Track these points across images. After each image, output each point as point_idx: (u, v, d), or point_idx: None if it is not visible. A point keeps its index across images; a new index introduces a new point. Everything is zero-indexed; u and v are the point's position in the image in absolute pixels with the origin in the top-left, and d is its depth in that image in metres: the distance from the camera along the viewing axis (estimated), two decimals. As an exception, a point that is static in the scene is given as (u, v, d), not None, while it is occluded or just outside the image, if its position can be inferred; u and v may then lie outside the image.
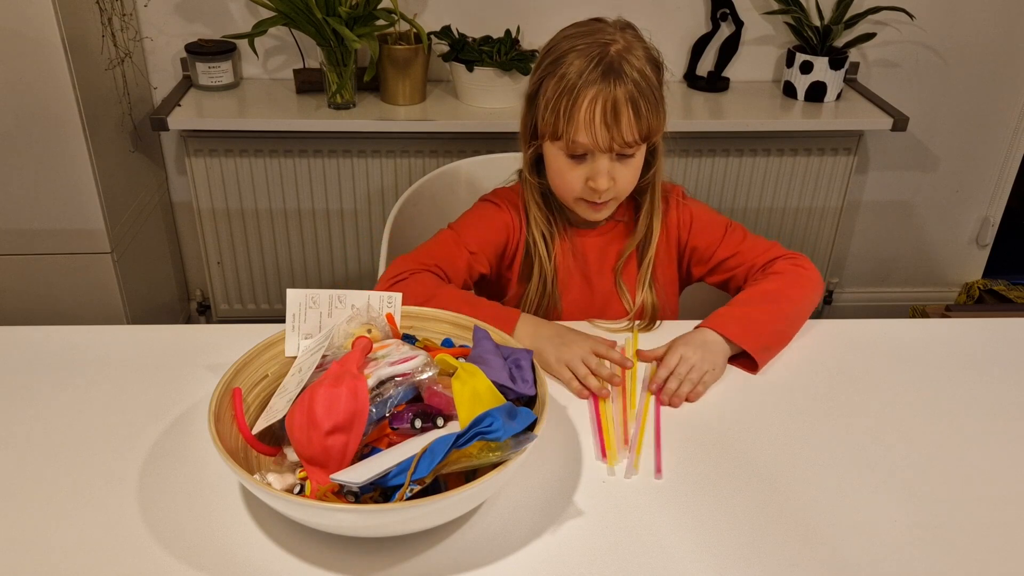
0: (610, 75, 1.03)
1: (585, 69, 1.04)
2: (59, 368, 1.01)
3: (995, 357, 1.10)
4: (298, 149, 1.99)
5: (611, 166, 1.08)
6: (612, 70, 1.04)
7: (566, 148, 1.07)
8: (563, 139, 1.07)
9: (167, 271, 2.21)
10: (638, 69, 1.05)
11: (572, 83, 1.04)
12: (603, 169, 1.07)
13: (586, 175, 1.08)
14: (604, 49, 1.05)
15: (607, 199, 1.11)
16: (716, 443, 0.92)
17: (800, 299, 1.11)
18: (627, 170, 1.10)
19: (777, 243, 1.19)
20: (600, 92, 1.03)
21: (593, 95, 1.03)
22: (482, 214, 1.20)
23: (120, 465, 0.86)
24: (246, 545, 0.77)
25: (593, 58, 1.04)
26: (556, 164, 1.11)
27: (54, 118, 1.65)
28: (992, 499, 0.86)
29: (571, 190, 1.11)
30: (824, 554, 0.78)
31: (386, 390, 0.81)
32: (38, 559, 0.75)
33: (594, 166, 1.07)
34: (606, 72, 1.03)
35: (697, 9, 2.07)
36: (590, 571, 0.76)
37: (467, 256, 1.15)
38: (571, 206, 1.15)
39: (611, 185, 1.09)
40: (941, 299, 2.52)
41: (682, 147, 2.06)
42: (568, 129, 1.05)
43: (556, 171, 1.12)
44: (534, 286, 1.18)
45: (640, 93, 1.04)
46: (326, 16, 1.75)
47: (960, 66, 2.17)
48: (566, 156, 1.09)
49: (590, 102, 1.03)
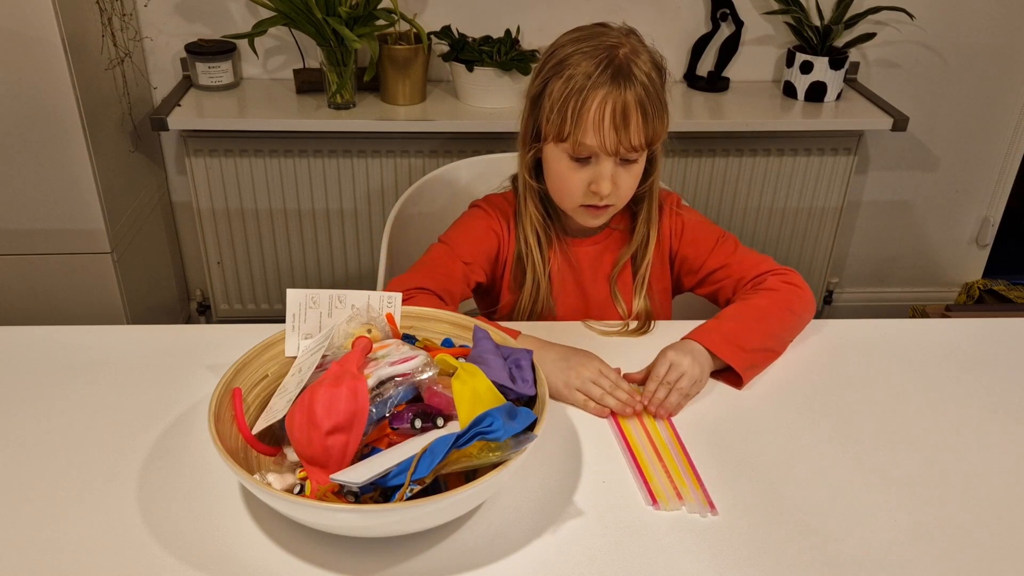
0: (619, 78, 1.02)
1: (594, 71, 1.03)
2: (59, 368, 1.01)
3: (995, 357, 1.10)
4: (298, 149, 1.99)
5: (614, 171, 1.07)
6: (621, 73, 1.03)
7: (572, 150, 1.06)
8: (569, 141, 1.05)
9: (167, 271, 2.21)
10: (646, 73, 1.04)
11: (581, 84, 1.03)
12: (607, 173, 1.06)
13: (589, 179, 1.08)
14: (612, 52, 1.04)
15: (607, 204, 1.10)
16: (715, 443, 0.92)
17: (791, 320, 1.09)
18: (629, 176, 1.09)
19: (769, 257, 1.16)
20: (610, 94, 1.02)
21: (603, 97, 1.02)
22: (471, 223, 1.19)
23: (120, 465, 0.86)
24: (246, 545, 0.77)
25: (601, 60, 1.03)
26: (558, 168, 1.10)
27: (54, 118, 1.65)
28: (992, 499, 0.86)
29: (572, 194, 1.10)
30: (824, 554, 0.78)
31: (386, 390, 0.81)
32: (38, 559, 0.75)
33: (598, 170, 1.07)
34: (615, 75, 1.02)
35: (697, 9, 2.07)
36: (590, 571, 0.76)
37: (462, 267, 1.14)
38: (570, 212, 1.14)
39: (613, 191, 1.08)
40: (941, 299, 2.52)
41: (682, 147, 2.06)
42: (575, 131, 1.04)
43: (558, 174, 1.10)
44: (527, 294, 1.17)
45: (648, 97, 1.04)
46: (326, 16, 1.75)
47: (960, 66, 2.17)
48: (570, 159, 1.08)
49: (599, 104, 1.02)
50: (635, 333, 1.13)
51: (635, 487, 0.86)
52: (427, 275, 1.10)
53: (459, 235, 1.18)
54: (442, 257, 1.14)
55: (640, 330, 1.14)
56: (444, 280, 1.11)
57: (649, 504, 0.83)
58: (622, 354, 1.06)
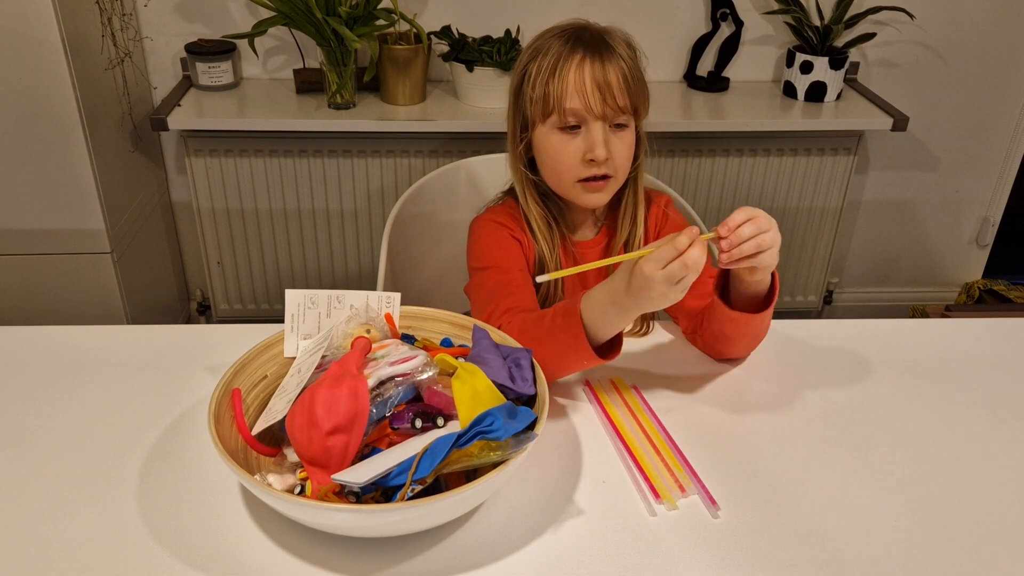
0: (594, 44, 1.06)
1: (567, 43, 1.06)
2: (59, 368, 1.01)
3: (995, 357, 1.10)
4: (298, 149, 1.99)
5: (607, 136, 1.07)
6: (596, 41, 1.06)
7: (559, 120, 1.07)
8: (555, 112, 1.06)
9: (167, 271, 2.21)
10: (621, 45, 1.08)
11: (558, 54, 1.06)
12: (599, 137, 1.06)
13: (583, 149, 1.07)
14: (582, 29, 1.08)
15: (606, 175, 1.09)
16: (715, 443, 0.92)
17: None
18: (622, 144, 1.09)
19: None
20: (586, 58, 1.05)
21: (579, 60, 1.05)
22: (493, 237, 1.16)
23: (120, 465, 0.86)
24: (246, 545, 0.77)
25: (572, 35, 1.07)
26: (550, 146, 1.09)
27: (54, 118, 1.65)
28: (992, 499, 0.86)
29: (568, 169, 1.09)
30: (824, 554, 0.78)
31: (386, 390, 0.81)
32: (38, 559, 0.75)
33: (589, 137, 1.07)
34: (589, 44, 1.06)
35: (697, 9, 2.07)
36: (590, 571, 0.76)
37: (520, 276, 1.12)
38: (569, 193, 1.12)
39: (609, 158, 1.07)
40: (941, 299, 2.52)
41: (682, 147, 2.06)
42: (560, 99, 1.06)
43: (551, 153, 1.10)
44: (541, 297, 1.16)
45: (625, 64, 1.07)
46: (326, 16, 1.75)
47: (960, 66, 2.17)
48: (560, 133, 1.08)
49: (578, 67, 1.05)
50: (635, 334, 1.13)
51: (635, 487, 0.86)
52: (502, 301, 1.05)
53: (492, 253, 1.14)
54: (500, 278, 1.10)
55: (638, 331, 1.14)
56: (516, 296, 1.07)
57: (651, 499, 0.83)
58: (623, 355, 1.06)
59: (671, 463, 0.88)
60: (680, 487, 0.85)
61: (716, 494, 0.84)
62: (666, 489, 0.84)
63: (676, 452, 0.90)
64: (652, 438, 0.92)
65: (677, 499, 0.84)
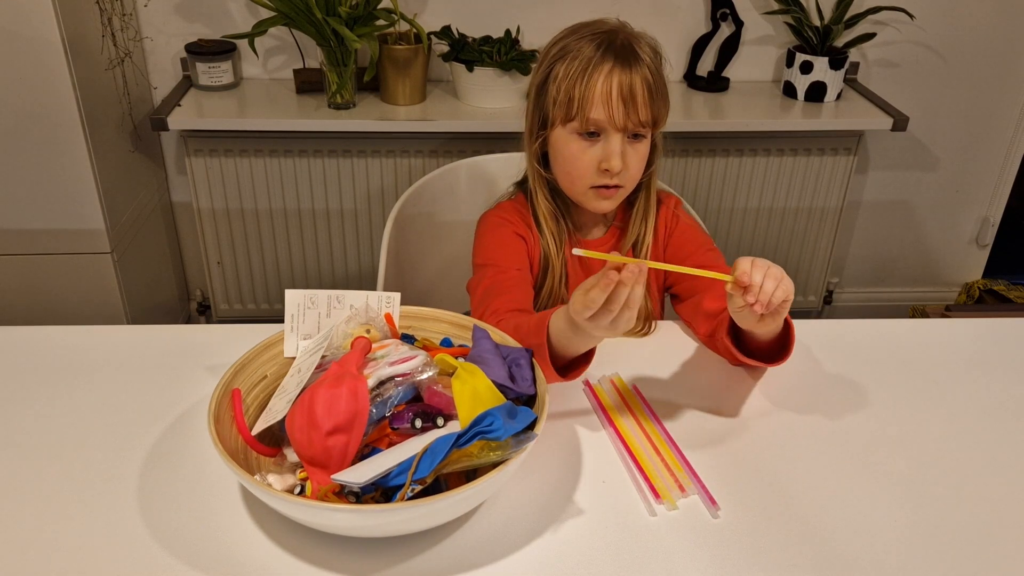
0: (624, 55, 1.06)
1: (598, 51, 1.06)
2: (59, 368, 1.01)
3: (995, 357, 1.10)
4: (298, 149, 1.99)
5: (623, 147, 1.08)
6: (625, 51, 1.06)
7: (580, 126, 1.07)
8: (577, 118, 1.07)
9: (167, 271, 2.21)
10: (648, 55, 1.08)
11: (587, 60, 1.06)
12: (616, 149, 1.07)
13: (599, 158, 1.08)
14: (612, 35, 1.07)
15: (617, 185, 1.10)
16: (715, 443, 0.92)
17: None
18: (636, 156, 1.10)
19: None
20: (615, 69, 1.05)
21: (609, 71, 1.05)
22: (498, 234, 1.17)
23: (120, 465, 0.86)
24: (246, 545, 0.77)
25: (603, 42, 1.06)
26: (567, 150, 1.10)
27: (54, 118, 1.65)
28: (992, 499, 0.86)
29: (583, 175, 1.10)
30: (824, 554, 0.78)
31: (386, 390, 0.81)
32: (38, 559, 0.75)
33: (607, 147, 1.07)
34: (619, 53, 1.06)
35: (697, 9, 2.07)
36: (590, 571, 0.76)
37: (516, 275, 1.13)
38: (580, 198, 1.14)
39: (623, 169, 1.08)
40: (941, 299, 2.52)
41: (682, 147, 2.06)
42: (584, 107, 1.06)
43: (567, 157, 1.11)
44: (545, 293, 1.17)
45: (652, 76, 1.07)
46: (326, 16, 1.75)
47: (960, 66, 2.17)
48: (579, 139, 1.08)
49: (606, 78, 1.05)
50: (636, 334, 1.13)
51: (635, 487, 0.86)
52: (496, 300, 1.06)
53: (492, 251, 1.16)
54: (496, 277, 1.12)
55: (639, 331, 1.14)
56: (513, 295, 1.08)
57: (651, 499, 0.83)
58: (623, 355, 1.06)
59: (671, 463, 0.88)
60: (680, 487, 0.85)
61: (716, 494, 0.84)
62: (666, 489, 0.84)
63: (676, 452, 0.90)
64: (652, 438, 0.92)
65: (677, 499, 0.84)
